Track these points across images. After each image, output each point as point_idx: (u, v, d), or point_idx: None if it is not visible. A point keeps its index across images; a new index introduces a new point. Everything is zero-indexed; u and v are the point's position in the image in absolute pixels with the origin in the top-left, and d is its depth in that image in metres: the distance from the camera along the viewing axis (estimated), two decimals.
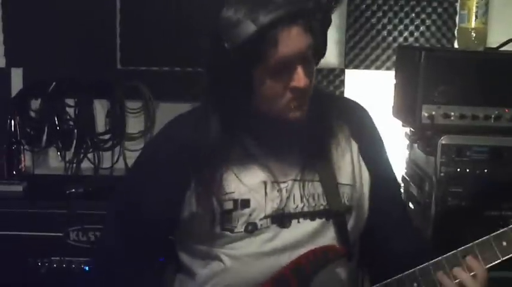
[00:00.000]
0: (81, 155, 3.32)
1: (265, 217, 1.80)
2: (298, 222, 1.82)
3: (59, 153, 3.33)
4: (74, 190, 2.96)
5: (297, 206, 1.82)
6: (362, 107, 2.00)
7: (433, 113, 2.47)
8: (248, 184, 1.80)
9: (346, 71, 3.29)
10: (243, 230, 1.80)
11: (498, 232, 1.76)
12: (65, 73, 3.28)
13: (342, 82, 3.29)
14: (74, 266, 2.86)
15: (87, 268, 2.84)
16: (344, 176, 1.88)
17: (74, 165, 3.33)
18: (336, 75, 3.30)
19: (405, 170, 2.88)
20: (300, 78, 1.69)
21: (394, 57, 3.20)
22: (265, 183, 1.81)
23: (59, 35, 3.30)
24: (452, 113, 2.48)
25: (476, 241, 1.77)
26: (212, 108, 1.80)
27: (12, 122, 3.24)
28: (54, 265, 2.88)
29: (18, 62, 3.36)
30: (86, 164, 3.35)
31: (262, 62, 1.66)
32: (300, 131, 1.81)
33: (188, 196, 1.82)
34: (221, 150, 1.80)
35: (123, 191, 1.98)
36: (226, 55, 1.65)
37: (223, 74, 1.70)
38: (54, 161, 3.39)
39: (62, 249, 2.87)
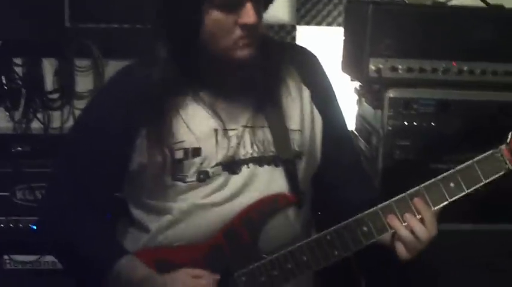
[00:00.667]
0: (30, 115, 3.27)
1: (216, 165, 1.80)
2: (248, 167, 1.82)
3: (7, 113, 3.28)
4: (20, 149, 2.92)
5: (246, 153, 1.82)
6: (312, 54, 2.00)
7: (381, 66, 2.46)
8: (199, 132, 1.79)
9: (298, 27, 3.28)
10: (195, 179, 1.80)
11: (446, 173, 1.78)
12: (12, 32, 3.22)
13: (293, 39, 3.28)
14: (21, 225, 2.84)
15: (34, 227, 2.82)
16: (294, 122, 1.87)
17: (23, 125, 3.28)
18: (287, 32, 3.28)
19: (354, 125, 2.88)
20: (248, 14, 1.67)
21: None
22: (216, 131, 1.80)
23: None
24: (400, 67, 2.47)
25: (425, 184, 1.78)
26: (161, 51, 1.77)
27: None
28: (1, 225, 2.85)
29: None
30: (35, 124, 3.30)
31: None
32: (250, 76, 1.80)
33: (138, 146, 1.80)
34: (170, 96, 1.79)
35: (70, 146, 1.95)
36: None
37: (172, 10, 1.69)
38: (2, 121, 3.32)
39: (8, 208, 2.84)
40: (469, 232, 2.47)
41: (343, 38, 2.86)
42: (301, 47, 2.02)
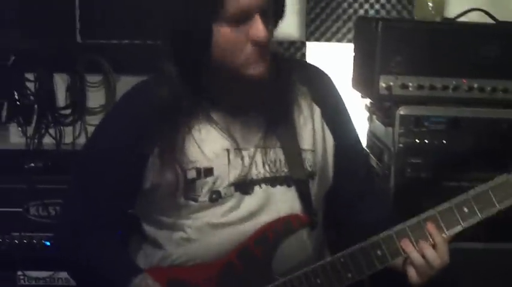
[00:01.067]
0: (43, 130, 3.28)
1: (229, 185, 1.80)
2: (260, 188, 1.82)
3: (19, 128, 3.29)
4: (33, 165, 2.94)
5: (259, 173, 1.82)
6: (323, 72, 2.00)
7: (391, 83, 2.47)
8: (211, 152, 1.80)
9: (307, 43, 3.29)
10: (207, 199, 1.80)
11: (459, 198, 1.77)
12: (24, 47, 3.25)
13: (303, 55, 3.29)
14: (35, 241, 2.85)
15: (48, 243, 2.84)
16: (306, 142, 1.87)
17: (35, 140, 3.29)
18: (297, 48, 3.28)
19: (366, 143, 2.88)
20: (258, 29, 1.67)
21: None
22: (228, 150, 1.80)
23: (18, 8, 3.24)
24: (410, 84, 2.48)
25: (438, 208, 1.77)
26: (171, 69, 1.78)
27: None
28: (15, 241, 2.86)
29: None
30: (47, 140, 3.31)
31: (220, 12, 1.65)
32: (261, 95, 1.81)
33: (150, 165, 1.81)
34: (182, 116, 1.79)
35: (83, 164, 1.95)
36: (185, 5, 1.66)
37: (183, 27, 1.69)
38: (15, 137, 3.36)
39: (22, 224, 2.86)
40: (481, 250, 2.47)
41: (353, 54, 2.87)
42: (312, 66, 2.02)
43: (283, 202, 1.84)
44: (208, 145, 1.80)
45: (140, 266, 1.87)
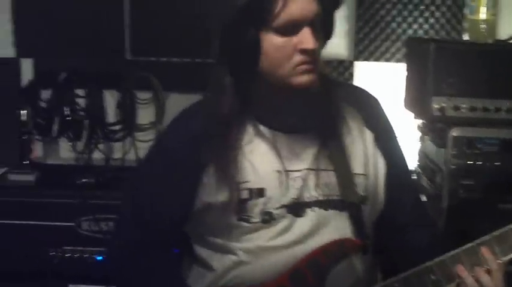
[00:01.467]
0: (92, 146, 3.34)
1: (281, 207, 1.79)
2: (313, 211, 1.81)
3: (70, 143, 3.36)
4: (85, 180, 2.98)
5: (311, 195, 1.81)
6: (373, 96, 1.98)
7: (444, 105, 2.48)
8: (263, 172, 1.79)
9: (356, 63, 3.30)
10: (259, 220, 1.79)
11: None
12: (75, 64, 3.31)
13: (351, 74, 3.30)
14: (86, 255, 2.89)
15: (99, 258, 2.87)
16: (358, 166, 1.86)
17: (85, 155, 3.35)
18: (345, 68, 3.30)
19: (417, 163, 2.88)
20: (307, 39, 1.69)
21: (403, 49, 3.20)
22: (279, 172, 1.79)
23: (69, 26, 3.31)
24: (463, 105, 2.49)
25: (494, 233, 1.76)
26: (222, 85, 1.78)
27: (23, 112, 3.26)
28: (67, 255, 2.91)
29: (28, 52, 3.38)
30: (96, 155, 3.37)
31: (269, 21, 1.67)
32: (311, 113, 1.81)
33: (202, 187, 1.81)
34: (234, 133, 1.79)
35: (137, 184, 1.97)
36: (234, 15, 1.68)
37: (232, 37, 1.71)
38: (65, 152, 3.41)
39: (74, 239, 2.90)
40: None
41: (406, 74, 2.87)
42: (363, 89, 2.01)
43: (336, 225, 1.82)
44: (260, 164, 1.80)
45: None
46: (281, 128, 1.82)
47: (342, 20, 3.22)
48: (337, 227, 1.82)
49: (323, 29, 1.75)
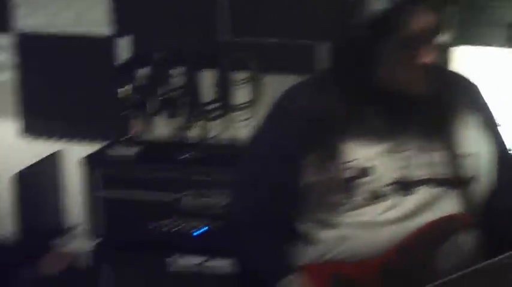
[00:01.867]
0: (190, 124, 3.39)
1: (387, 185, 1.81)
2: (421, 189, 1.82)
3: (168, 120, 3.41)
4: (186, 155, 3.03)
5: (418, 174, 1.83)
6: (474, 83, 2.01)
7: None
8: (370, 152, 1.81)
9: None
10: (366, 197, 1.81)
11: None
12: (173, 43, 3.37)
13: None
14: (185, 230, 2.97)
15: (196, 233, 2.94)
16: (466, 146, 1.87)
17: (183, 133, 3.40)
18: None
19: None
20: (428, 54, 1.72)
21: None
22: (387, 151, 1.82)
23: (168, 5, 3.37)
24: None
25: None
26: (335, 78, 1.84)
27: (123, 89, 3.34)
28: (167, 229, 2.98)
29: (127, 31, 3.46)
30: (193, 133, 3.42)
31: (394, 35, 1.70)
32: (422, 103, 1.82)
33: (309, 164, 1.85)
34: (342, 120, 1.83)
35: (246, 164, 2.01)
36: (359, 27, 1.71)
37: (353, 46, 1.75)
38: (162, 129, 3.47)
39: (174, 213, 2.97)
40: None
41: None
42: (464, 76, 2.04)
43: (444, 204, 1.83)
44: (368, 145, 1.82)
45: (294, 263, 1.91)
46: (391, 109, 1.84)
47: None
48: (446, 206, 1.83)
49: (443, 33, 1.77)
